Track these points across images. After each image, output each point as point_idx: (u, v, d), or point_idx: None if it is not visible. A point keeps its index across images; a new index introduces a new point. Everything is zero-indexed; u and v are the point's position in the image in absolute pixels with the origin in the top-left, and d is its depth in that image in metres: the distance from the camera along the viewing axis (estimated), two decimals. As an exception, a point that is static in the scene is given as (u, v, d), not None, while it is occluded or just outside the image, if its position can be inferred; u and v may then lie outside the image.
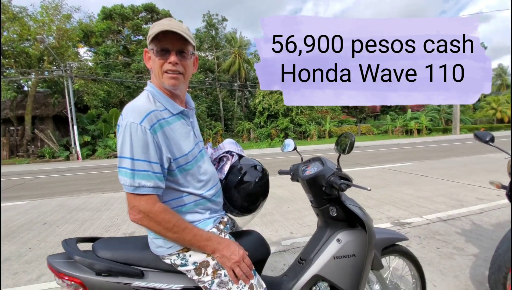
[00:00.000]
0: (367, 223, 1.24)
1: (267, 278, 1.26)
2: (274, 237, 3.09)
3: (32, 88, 17.71)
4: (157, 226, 0.89)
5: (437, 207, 3.88)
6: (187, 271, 0.97)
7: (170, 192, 0.98)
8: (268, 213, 3.97)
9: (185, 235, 0.91)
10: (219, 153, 1.29)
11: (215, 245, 0.95)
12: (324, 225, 1.36)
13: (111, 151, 17.56)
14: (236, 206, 1.23)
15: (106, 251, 1.00)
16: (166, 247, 0.96)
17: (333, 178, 1.19)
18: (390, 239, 1.48)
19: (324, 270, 1.25)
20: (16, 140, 18.69)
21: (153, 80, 1.01)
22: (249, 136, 24.77)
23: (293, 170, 1.51)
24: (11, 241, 3.37)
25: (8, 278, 2.47)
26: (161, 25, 0.93)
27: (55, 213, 4.51)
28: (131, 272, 0.96)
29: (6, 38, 15.89)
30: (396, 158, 9.57)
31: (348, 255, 1.26)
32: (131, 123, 0.87)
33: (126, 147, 0.87)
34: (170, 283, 0.99)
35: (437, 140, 18.22)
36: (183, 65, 0.98)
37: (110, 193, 5.95)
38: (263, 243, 1.20)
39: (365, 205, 4.12)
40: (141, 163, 0.87)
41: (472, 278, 2.18)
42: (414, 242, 2.81)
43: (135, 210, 0.88)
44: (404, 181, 5.64)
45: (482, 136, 1.84)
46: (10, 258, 2.88)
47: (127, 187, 0.88)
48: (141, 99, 0.96)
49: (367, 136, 26.60)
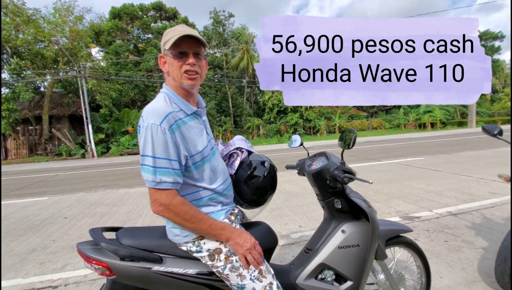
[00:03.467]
0: (371, 215, 1.30)
1: (275, 266, 1.34)
2: (284, 231, 3.17)
3: (48, 88, 18.32)
4: (177, 217, 0.98)
5: (447, 201, 3.86)
6: (201, 257, 1.07)
7: (186, 187, 1.07)
8: (277, 207, 4.05)
9: (201, 225, 1.01)
10: (230, 149, 1.37)
11: (229, 233, 1.04)
12: (330, 217, 1.43)
13: (124, 148, 18.03)
14: (246, 200, 1.31)
15: (128, 239, 1.11)
16: (182, 235, 1.06)
17: (336, 172, 1.25)
18: (394, 230, 1.54)
19: (329, 259, 1.32)
20: (35, 139, 19.46)
21: (169, 82, 1.10)
22: (258, 133, 24.83)
23: (299, 164, 1.58)
24: (36, 233, 3.59)
25: (35, 267, 2.66)
26: (177, 31, 1.02)
27: (74, 208, 4.75)
28: (151, 257, 1.07)
29: (22, 40, 16.45)
30: (408, 152, 9.44)
31: (352, 245, 1.33)
32: (152, 125, 0.96)
33: (148, 147, 0.96)
34: (186, 268, 1.08)
35: (451, 133, 17.74)
36: (199, 65, 1.07)
37: (125, 189, 6.17)
38: (271, 233, 1.29)
39: (374, 199, 4.14)
40: (162, 161, 0.96)
41: (480, 270, 2.20)
42: (422, 235, 2.83)
43: (156, 203, 0.98)
44: (415, 176, 5.59)
45: (490, 129, 1.85)
46: (36, 249, 3.09)
47: (150, 182, 0.97)
48: (159, 101, 1.04)
49: (379, 130, 26.14)
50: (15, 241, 3.38)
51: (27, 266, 2.70)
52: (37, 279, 2.44)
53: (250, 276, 1.04)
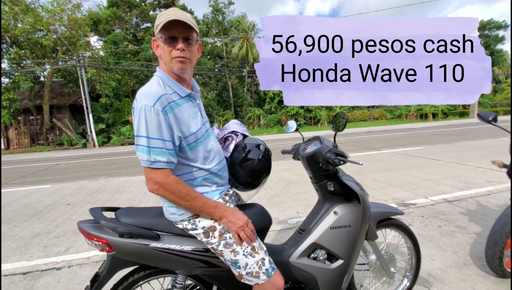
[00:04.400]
0: (362, 197, 1.34)
1: (270, 246, 1.39)
2: (281, 217, 3.24)
3: (48, 78, 18.24)
4: (171, 195, 1.02)
5: (444, 189, 3.91)
6: (197, 234, 1.11)
7: (181, 167, 1.10)
8: (276, 195, 4.12)
9: (195, 203, 1.05)
10: (225, 133, 1.40)
11: (222, 211, 1.08)
12: (323, 199, 1.47)
13: (125, 138, 18.09)
14: (241, 182, 1.35)
15: (127, 218, 1.15)
16: (178, 214, 1.10)
17: (328, 154, 1.29)
18: (385, 212, 1.58)
19: (321, 239, 1.37)
20: (36, 129, 19.52)
21: (162, 66, 1.12)
22: (259, 123, 24.79)
23: (294, 149, 1.61)
24: (39, 219, 3.68)
25: (40, 250, 2.75)
26: (167, 15, 1.02)
27: (77, 195, 4.84)
28: (149, 234, 1.11)
29: (21, 29, 16.28)
30: (408, 142, 9.45)
31: (344, 225, 1.37)
32: (145, 106, 0.98)
33: (142, 127, 0.99)
34: (182, 244, 1.13)
35: (452, 124, 17.68)
36: (189, 50, 1.08)
37: (127, 177, 6.25)
38: (265, 214, 1.33)
39: (371, 187, 4.19)
40: (155, 141, 0.99)
41: (471, 254, 2.26)
42: (417, 221, 2.89)
43: (152, 182, 1.02)
44: (414, 165, 5.63)
45: (485, 115, 1.87)
46: (40, 233, 3.18)
47: (144, 162, 1.00)
48: (152, 84, 1.06)
49: (380, 120, 26.06)
50: (19, 226, 3.46)
51: (32, 249, 2.78)
52: (41, 261, 2.53)
53: (243, 252, 1.09)
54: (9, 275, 2.31)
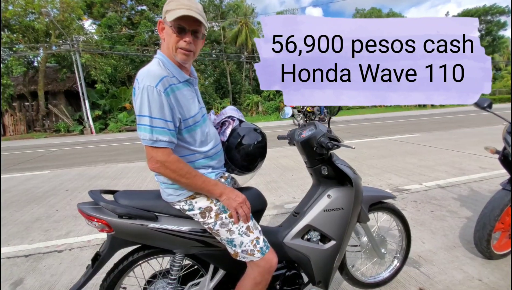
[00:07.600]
0: (355, 181, 1.37)
1: (265, 227, 1.44)
2: (278, 201, 3.30)
3: (42, 63, 17.88)
4: (172, 173, 1.05)
5: (438, 175, 3.98)
6: (193, 215, 1.15)
7: (178, 150, 1.13)
8: (273, 180, 4.17)
9: (196, 180, 1.07)
10: (222, 118, 1.42)
11: (222, 189, 1.12)
12: (317, 183, 1.51)
13: (122, 125, 17.98)
14: (237, 165, 1.37)
15: (125, 200, 1.18)
16: (175, 195, 1.13)
17: (322, 138, 1.31)
18: (377, 196, 1.62)
19: (315, 221, 1.41)
20: (32, 115, 19.32)
21: (164, 50, 1.11)
22: (257, 110, 24.68)
23: (290, 134, 1.64)
24: (39, 204, 3.72)
25: (41, 234, 2.80)
26: (181, 4, 1.01)
27: (75, 181, 4.87)
28: (147, 215, 1.14)
29: (12, 12, 15.78)
30: (404, 129, 9.50)
31: (336, 208, 1.42)
32: (148, 86, 0.99)
33: (144, 107, 1.00)
34: (179, 225, 1.17)
35: (450, 111, 17.70)
36: (195, 43, 1.09)
37: (125, 163, 6.28)
38: (260, 196, 1.36)
39: (367, 173, 4.26)
40: (158, 121, 1.01)
41: (461, 237, 2.34)
42: (409, 206, 2.96)
43: (153, 160, 1.04)
44: (409, 151, 5.70)
45: (480, 102, 1.90)
46: (41, 218, 3.23)
47: (147, 141, 1.02)
48: (153, 65, 1.06)
49: (378, 108, 26.00)
50: (19, 211, 3.51)
51: (32, 233, 2.84)
52: (42, 244, 2.58)
53: (238, 231, 1.13)
54: (11, 258, 2.37)
